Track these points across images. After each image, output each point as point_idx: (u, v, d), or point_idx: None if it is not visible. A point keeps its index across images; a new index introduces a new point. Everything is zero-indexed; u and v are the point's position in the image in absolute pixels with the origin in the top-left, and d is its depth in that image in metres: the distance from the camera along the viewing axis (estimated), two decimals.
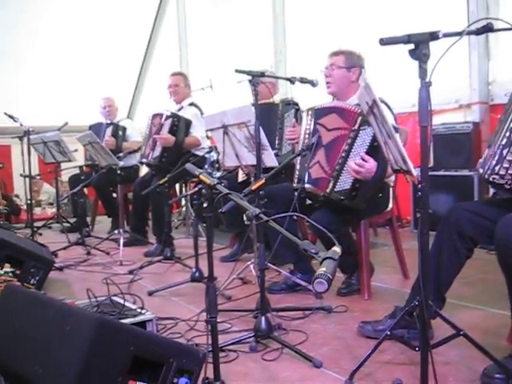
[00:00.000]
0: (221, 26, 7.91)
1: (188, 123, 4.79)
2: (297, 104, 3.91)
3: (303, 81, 2.84)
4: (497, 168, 2.09)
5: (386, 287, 3.42)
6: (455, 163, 4.84)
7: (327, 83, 3.22)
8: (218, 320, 2.67)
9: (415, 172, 1.84)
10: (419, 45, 1.54)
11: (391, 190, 3.30)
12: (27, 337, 1.80)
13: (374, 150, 2.81)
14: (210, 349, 1.86)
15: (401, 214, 5.33)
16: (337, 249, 1.27)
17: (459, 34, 1.59)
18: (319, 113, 3.09)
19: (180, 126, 4.74)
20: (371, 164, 2.78)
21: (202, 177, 1.72)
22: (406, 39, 1.54)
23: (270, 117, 3.87)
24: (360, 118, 2.85)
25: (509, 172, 2.07)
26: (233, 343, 2.46)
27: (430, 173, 5.01)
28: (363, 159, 2.79)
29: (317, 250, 1.27)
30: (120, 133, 5.79)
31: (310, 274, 3.31)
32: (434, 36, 1.54)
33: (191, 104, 5.07)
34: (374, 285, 3.35)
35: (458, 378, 2.11)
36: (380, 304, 3.02)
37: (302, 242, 1.30)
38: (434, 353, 2.07)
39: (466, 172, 4.69)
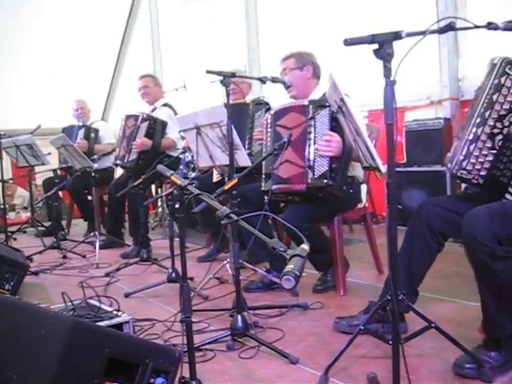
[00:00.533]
0: (193, 26, 7.90)
1: (164, 125, 4.77)
2: (267, 103, 3.94)
3: (275, 80, 2.86)
4: (464, 163, 2.13)
5: (361, 283, 3.46)
6: (427, 159, 4.91)
7: (286, 88, 3.33)
8: (195, 320, 2.71)
9: (383, 169, 1.88)
10: (383, 44, 1.57)
11: (365, 186, 3.34)
12: (1, 343, 1.80)
13: (334, 128, 2.90)
14: (186, 348, 1.87)
15: (376, 210, 5.38)
16: (305, 246, 1.29)
17: (422, 33, 1.63)
18: (277, 116, 3.16)
19: (156, 128, 4.71)
20: (337, 137, 2.88)
21: (173, 178, 1.73)
22: (370, 39, 1.57)
23: (241, 117, 3.90)
24: (311, 107, 2.97)
25: (475, 167, 2.11)
26: (209, 342, 2.47)
27: (403, 169, 5.11)
28: (329, 135, 2.88)
29: (285, 248, 1.29)
30: (92, 135, 5.75)
31: None
32: (397, 36, 1.57)
33: (165, 105, 5.06)
34: (350, 281, 3.38)
35: (431, 370, 2.15)
36: (355, 299, 3.05)
37: (271, 240, 1.32)
38: (408, 345, 2.12)
39: (438, 167, 4.76)
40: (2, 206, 5.44)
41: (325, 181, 2.91)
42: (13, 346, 1.74)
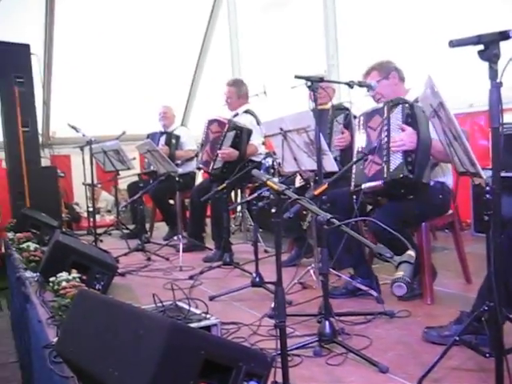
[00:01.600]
0: (272, 31, 7.94)
1: (250, 133, 4.78)
2: (347, 109, 3.92)
3: (361, 85, 2.83)
4: None
5: (448, 292, 3.35)
6: None
7: (377, 100, 3.36)
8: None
9: (484, 174, 1.81)
10: (489, 45, 1.52)
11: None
12: (101, 339, 1.86)
13: (409, 123, 2.92)
14: (277, 353, 1.87)
15: (461, 217, 5.22)
16: (411, 252, 1.27)
17: None
18: (367, 117, 3.18)
19: (243, 137, 4.71)
20: (409, 131, 2.89)
21: (269, 183, 1.74)
22: (476, 40, 1.52)
23: (321, 122, 3.88)
24: (385, 107, 3.01)
25: None
26: (297, 348, 2.46)
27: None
28: (402, 129, 2.91)
29: (392, 254, 1.27)
30: (173, 141, 5.89)
31: (371, 278, 3.29)
32: (504, 35, 1.52)
33: (246, 111, 5.10)
34: (436, 289, 3.28)
35: None
36: (443, 309, 2.96)
37: (376, 246, 1.30)
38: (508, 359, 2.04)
39: None
40: (91, 209, 5.67)
41: (401, 174, 2.89)
42: (112, 344, 1.80)
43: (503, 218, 2.32)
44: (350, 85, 2.83)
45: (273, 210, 1.72)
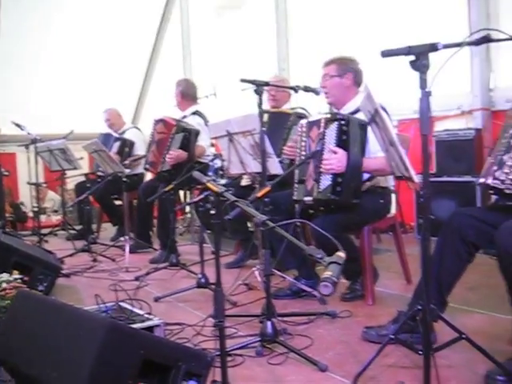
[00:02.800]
0: (225, 34, 7.97)
1: (197, 134, 4.77)
2: (307, 117, 3.97)
3: (307, 89, 2.88)
4: (497, 173, 2.13)
5: (389, 292, 3.45)
6: (458, 169, 4.87)
7: (325, 93, 3.35)
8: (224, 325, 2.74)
9: (417, 179, 1.89)
10: (419, 56, 1.59)
11: (394, 196, 3.35)
12: (40, 340, 1.85)
13: (343, 142, 2.97)
14: (218, 353, 1.90)
15: (404, 220, 5.37)
16: (341, 254, 1.32)
17: (458, 45, 1.64)
18: (308, 126, 3.23)
19: (191, 139, 4.70)
20: (339, 155, 2.94)
21: (209, 184, 1.77)
22: (407, 51, 1.59)
23: (279, 125, 3.93)
24: (322, 121, 3.05)
25: (509, 177, 2.11)
26: (239, 347, 2.49)
27: (433, 179, 5.07)
28: (332, 151, 2.94)
29: (322, 255, 1.31)
30: (126, 149, 5.75)
31: (314, 279, 3.35)
32: (433, 47, 1.59)
33: (194, 113, 5.08)
34: (378, 290, 3.38)
35: (460, 381, 2.15)
36: (384, 309, 3.05)
37: (308, 247, 1.35)
38: (437, 356, 2.12)
39: (468, 178, 4.71)
40: (36, 209, 5.55)
41: (328, 195, 2.98)
42: (52, 344, 1.79)
43: (441, 221, 2.42)
44: (295, 89, 2.88)
45: (212, 212, 1.74)
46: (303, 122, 3.28)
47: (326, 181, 3.01)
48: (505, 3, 4.99)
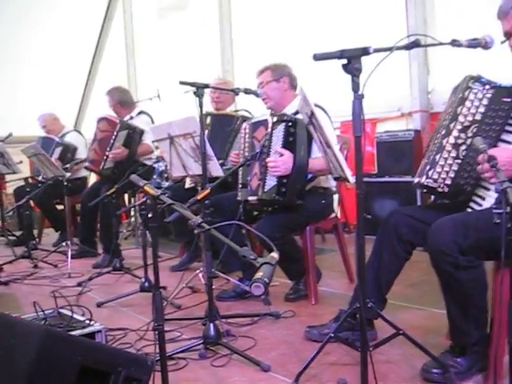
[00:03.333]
0: (168, 35, 7.93)
1: (142, 133, 4.73)
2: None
3: (247, 92, 2.89)
4: (430, 172, 2.20)
5: (332, 291, 3.50)
6: (398, 169, 5.00)
7: (263, 99, 3.40)
8: (168, 329, 2.73)
9: (352, 179, 1.93)
10: (351, 60, 1.62)
11: (337, 196, 3.41)
12: None
13: (289, 144, 3.00)
14: (159, 357, 1.88)
15: (348, 220, 5.46)
16: (274, 254, 1.33)
17: (390, 49, 1.68)
18: (253, 127, 3.27)
19: (135, 137, 4.67)
20: (285, 157, 2.97)
21: (146, 188, 1.76)
22: (339, 55, 1.62)
23: (223, 127, 3.94)
24: (270, 121, 3.08)
25: (441, 176, 2.17)
26: (182, 351, 2.48)
27: (375, 179, 5.19)
28: (278, 152, 2.97)
29: (255, 257, 1.33)
30: (69, 155, 5.61)
31: None
32: (365, 51, 1.63)
33: (141, 112, 5.06)
34: (321, 289, 3.43)
35: (398, 375, 2.21)
36: (327, 308, 3.09)
37: (242, 248, 1.36)
38: (377, 352, 2.18)
39: (408, 178, 4.83)
40: None
41: (273, 195, 3.01)
42: None
43: (380, 220, 2.48)
44: (236, 92, 2.89)
45: (149, 215, 1.73)
46: (246, 124, 3.30)
47: (271, 181, 3.03)
48: (441, 8, 5.15)
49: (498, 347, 1.94)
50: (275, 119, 3.07)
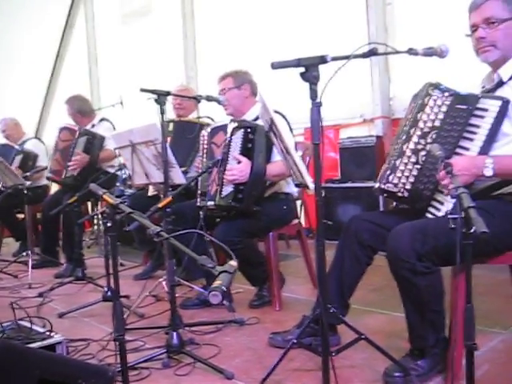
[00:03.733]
0: (131, 42, 7.88)
1: (102, 139, 4.68)
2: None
3: (209, 99, 2.90)
4: (390, 177, 2.23)
5: (296, 297, 3.51)
6: (361, 175, 5.07)
7: (224, 106, 3.40)
8: (131, 338, 2.70)
9: (312, 186, 1.94)
10: (309, 68, 1.64)
11: (299, 202, 3.42)
12: None
13: (247, 150, 3.01)
14: (120, 368, 1.86)
15: (312, 226, 5.49)
16: (233, 262, 1.33)
17: (347, 57, 1.70)
18: (212, 133, 3.27)
19: (95, 143, 4.62)
20: (242, 164, 2.98)
21: (105, 196, 1.74)
22: (296, 63, 1.63)
23: (185, 134, 3.92)
24: (230, 127, 3.08)
25: (401, 181, 2.21)
26: (144, 360, 2.45)
27: (338, 185, 5.23)
28: (237, 159, 2.98)
29: (214, 265, 1.32)
30: (30, 163, 5.50)
31: None
32: (322, 60, 1.64)
33: (102, 119, 5.02)
34: (285, 295, 3.44)
35: (361, 380, 2.22)
36: (291, 314, 3.09)
37: (200, 257, 1.35)
38: (341, 357, 2.20)
39: (371, 183, 4.88)
40: None
41: (230, 201, 3.02)
42: None
43: (342, 225, 2.50)
44: (197, 99, 2.88)
45: (108, 224, 1.71)
46: (204, 131, 3.30)
47: (228, 187, 3.04)
48: (400, 16, 5.26)
49: (456, 350, 1.97)
50: (235, 125, 3.08)
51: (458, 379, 1.97)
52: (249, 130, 3.00)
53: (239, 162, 2.99)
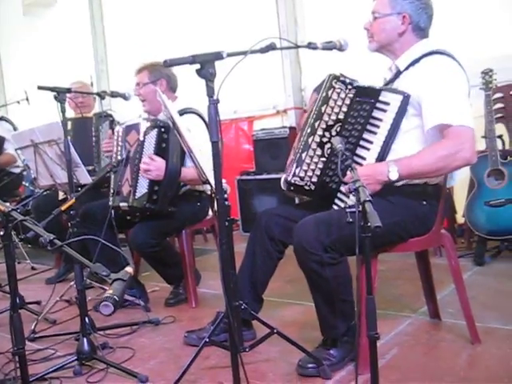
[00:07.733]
0: (36, 35, 7.55)
1: (2, 141, 4.48)
2: (111, 116, 3.88)
3: (114, 95, 2.81)
4: (297, 170, 2.25)
5: (213, 293, 3.48)
6: (276, 166, 5.10)
7: (142, 101, 3.32)
8: (41, 347, 2.59)
9: (213, 182, 1.92)
10: (205, 65, 1.61)
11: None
12: None
13: (162, 150, 2.95)
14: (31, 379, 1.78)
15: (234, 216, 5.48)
16: (128, 269, 1.29)
17: (244, 53, 1.69)
18: (126, 130, 3.15)
19: None
20: (158, 162, 2.92)
21: None
22: (191, 60, 1.60)
23: (85, 131, 3.80)
24: (143, 126, 3.00)
25: (308, 174, 2.23)
26: (55, 370, 2.36)
27: (253, 176, 5.26)
28: (151, 158, 2.92)
29: (108, 273, 1.28)
30: None
31: (138, 288, 3.29)
32: (218, 56, 1.62)
33: (1, 119, 4.80)
34: (202, 291, 3.42)
35: (276, 373, 2.23)
36: (207, 310, 3.05)
37: (94, 265, 1.31)
38: (256, 352, 2.22)
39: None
40: None
41: (144, 203, 2.96)
42: None
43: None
44: (101, 95, 2.79)
45: (0, 233, 1.62)
46: (120, 127, 3.18)
47: (142, 188, 2.96)
48: (309, 10, 5.33)
49: (362, 337, 2.02)
50: (148, 124, 2.99)
51: (367, 366, 2.01)
52: (163, 129, 2.93)
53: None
